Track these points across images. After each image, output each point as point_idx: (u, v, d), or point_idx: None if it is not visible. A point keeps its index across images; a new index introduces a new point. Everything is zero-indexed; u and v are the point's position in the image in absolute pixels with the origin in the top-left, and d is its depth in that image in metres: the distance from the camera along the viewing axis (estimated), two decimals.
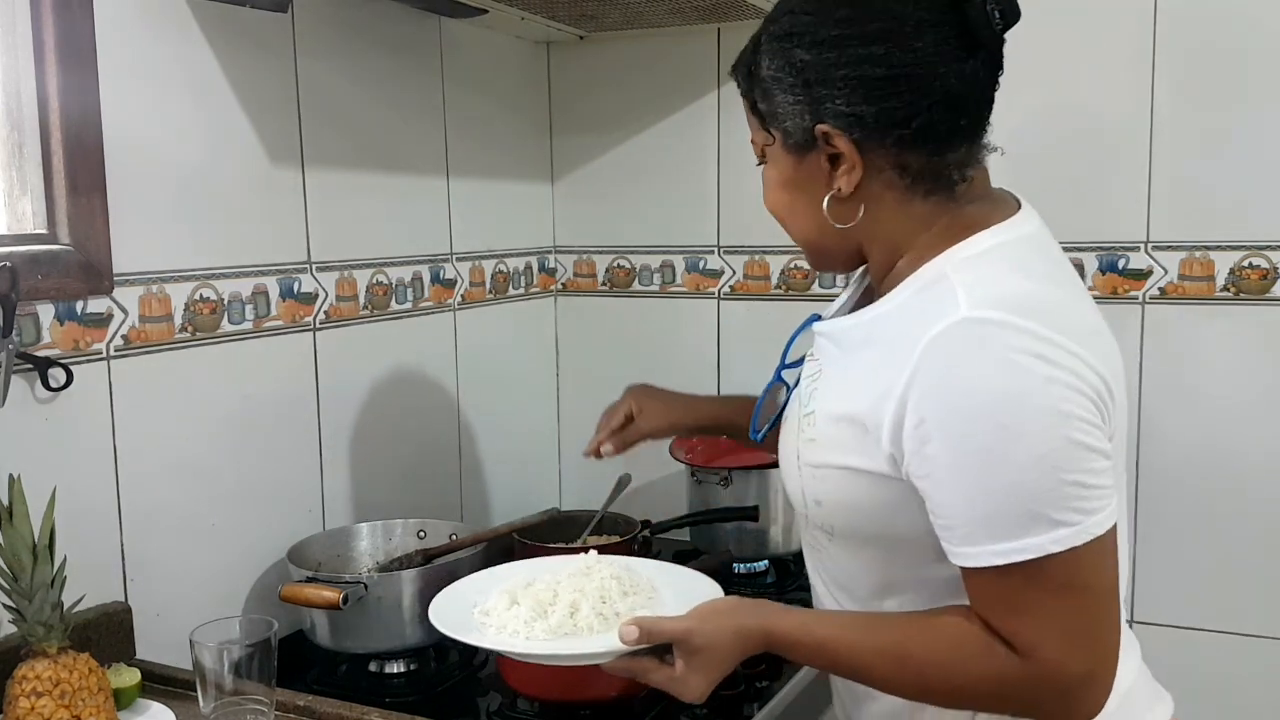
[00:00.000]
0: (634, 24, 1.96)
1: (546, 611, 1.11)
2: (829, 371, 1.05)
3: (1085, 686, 0.92)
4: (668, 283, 2.14)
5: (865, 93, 0.95)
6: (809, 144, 1.00)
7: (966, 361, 0.90)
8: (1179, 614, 1.81)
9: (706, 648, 0.99)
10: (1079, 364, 0.90)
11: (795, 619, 1.01)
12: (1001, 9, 0.96)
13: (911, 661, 0.96)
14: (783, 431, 1.12)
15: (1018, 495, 0.89)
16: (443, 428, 1.94)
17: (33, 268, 1.22)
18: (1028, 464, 0.88)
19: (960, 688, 0.96)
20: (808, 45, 0.98)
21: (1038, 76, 1.77)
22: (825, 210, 1.01)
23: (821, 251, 1.08)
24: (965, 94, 0.97)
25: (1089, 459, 0.90)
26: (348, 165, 1.69)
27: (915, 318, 0.94)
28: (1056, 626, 0.90)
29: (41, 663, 1.06)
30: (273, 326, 1.56)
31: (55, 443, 1.26)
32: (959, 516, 0.92)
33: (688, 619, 1.00)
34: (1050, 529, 0.88)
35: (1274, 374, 1.73)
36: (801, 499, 1.07)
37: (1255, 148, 1.70)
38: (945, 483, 0.91)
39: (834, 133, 0.97)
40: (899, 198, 1.00)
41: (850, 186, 0.99)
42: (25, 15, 1.23)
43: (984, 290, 0.92)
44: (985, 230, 0.98)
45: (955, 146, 0.99)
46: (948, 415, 0.90)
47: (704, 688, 1.00)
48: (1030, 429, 0.88)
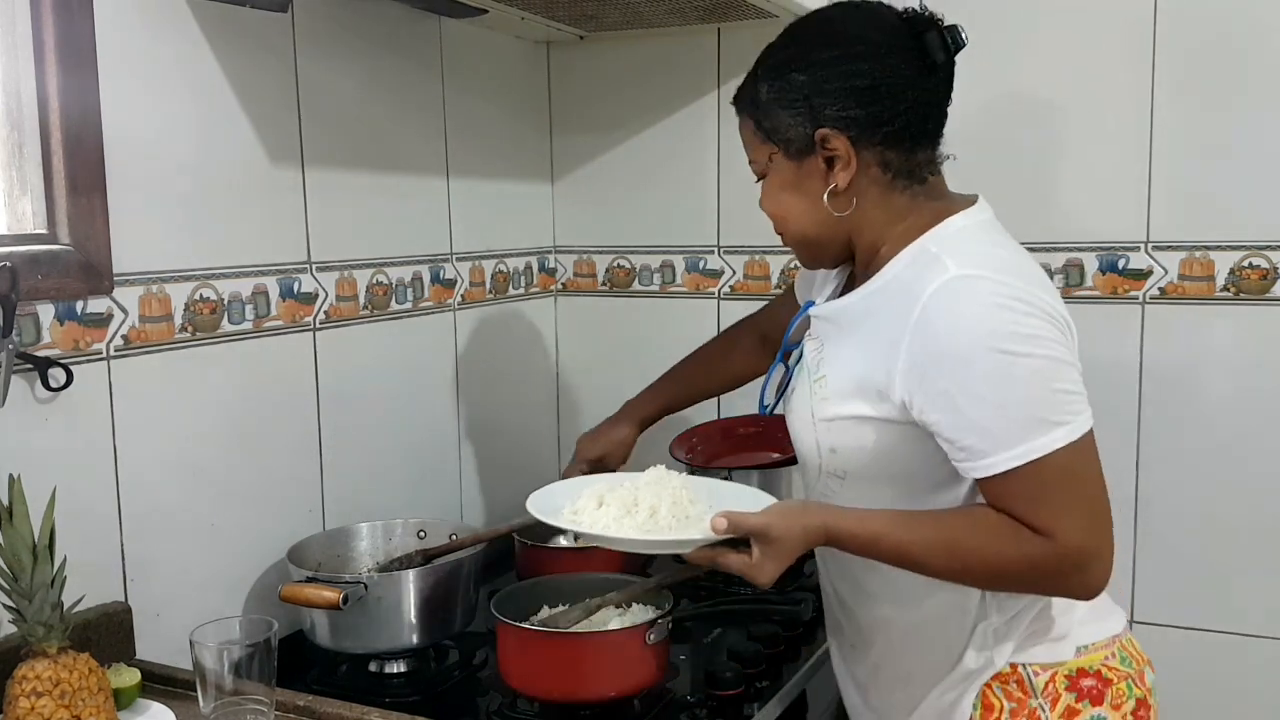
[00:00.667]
0: (634, 24, 1.96)
1: (631, 512, 1.26)
2: (831, 345, 1.25)
3: (1097, 560, 1.11)
4: (668, 283, 2.14)
5: (856, 99, 1.17)
6: (808, 149, 1.20)
7: (962, 308, 1.10)
8: (1179, 614, 1.81)
9: (779, 539, 1.14)
10: (1046, 304, 1.12)
11: (854, 517, 1.16)
12: (952, 37, 1.19)
13: (956, 549, 1.12)
14: (794, 398, 1.30)
15: (1021, 407, 1.08)
16: (443, 428, 1.94)
17: (33, 268, 1.22)
18: (1025, 378, 1.08)
19: (996, 569, 1.13)
20: (802, 68, 1.19)
21: (1038, 77, 1.78)
22: (826, 201, 1.20)
23: (817, 244, 1.26)
24: (929, 103, 1.20)
25: (1068, 371, 1.11)
26: (348, 165, 1.69)
27: (908, 285, 1.14)
28: (1069, 510, 1.09)
29: (41, 663, 1.06)
30: (273, 326, 1.56)
31: (55, 443, 1.26)
32: (974, 435, 1.09)
33: (766, 515, 1.15)
34: (1050, 429, 1.08)
35: (1274, 374, 1.73)
36: (816, 450, 1.25)
37: (1255, 148, 1.70)
38: (960, 409, 1.09)
39: (832, 134, 1.17)
40: (881, 192, 1.20)
41: (846, 181, 1.19)
42: (25, 15, 1.23)
43: (966, 256, 1.13)
44: (953, 216, 1.20)
45: (924, 147, 1.21)
46: (953, 352, 1.09)
47: (774, 573, 1.15)
48: (1021, 351, 1.08)
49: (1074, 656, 1.22)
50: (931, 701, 1.25)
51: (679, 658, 1.48)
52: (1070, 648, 1.22)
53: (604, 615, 1.38)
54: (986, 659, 1.21)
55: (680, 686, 1.42)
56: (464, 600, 1.50)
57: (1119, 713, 1.22)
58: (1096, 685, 1.22)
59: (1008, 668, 1.22)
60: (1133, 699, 1.23)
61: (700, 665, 1.44)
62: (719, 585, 1.78)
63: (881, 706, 1.32)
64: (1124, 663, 1.25)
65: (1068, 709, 1.21)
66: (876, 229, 1.21)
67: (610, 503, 1.28)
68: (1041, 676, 1.22)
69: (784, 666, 1.50)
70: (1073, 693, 1.21)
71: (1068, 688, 1.21)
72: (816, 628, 1.62)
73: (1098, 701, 1.22)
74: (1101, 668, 1.23)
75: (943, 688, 1.24)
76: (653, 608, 1.40)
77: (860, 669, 1.34)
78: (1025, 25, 1.78)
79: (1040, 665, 1.22)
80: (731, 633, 1.58)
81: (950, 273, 1.11)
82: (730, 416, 2.00)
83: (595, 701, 1.34)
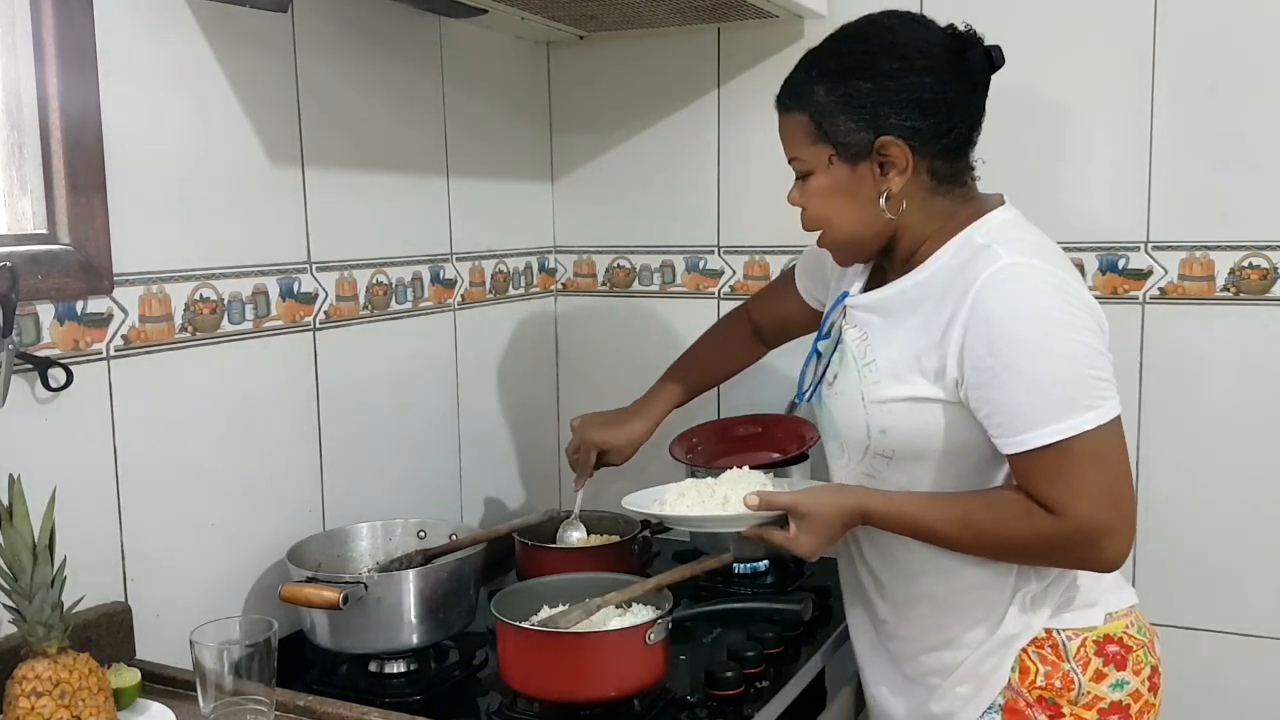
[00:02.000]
0: (634, 24, 1.96)
1: (705, 501, 1.39)
2: (877, 332, 1.32)
3: (1110, 536, 1.18)
4: (668, 283, 2.14)
5: (920, 111, 1.24)
6: (865, 154, 1.26)
7: (1017, 290, 1.19)
8: (1179, 614, 1.81)
9: (811, 514, 1.27)
10: (1084, 296, 1.23)
11: (883, 498, 1.29)
12: (991, 57, 1.27)
13: (969, 524, 1.24)
14: (840, 383, 1.36)
15: (1059, 386, 1.17)
16: (443, 428, 1.94)
17: (33, 268, 1.22)
18: (1064, 358, 1.17)
19: (1006, 543, 1.24)
20: (868, 76, 1.25)
21: (1039, 77, 1.77)
22: (883, 205, 1.27)
23: (860, 244, 1.33)
24: (975, 115, 1.29)
25: (1100, 359, 1.19)
26: (348, 165, 1.69)
27: (959, 273, 1.23)
28: (1085, 488, 1.17)
29: (41, 663, 1.05)
30: (273, 326, 1.56)
31: (55, 443, 1.26)
32: (1013, 410, 1.18)
33: (796, 494, 1.31)
34: (1082, 412, 1.16)
35: (1274, 374, 1.73)
36: (865, 432, 1.32)
37: (1256, 147, 1.70)
38: (1004, 386, 1.18)
39: (894, 142, 1.24)
40: (927, 196, 1.28)
41: (900, 186, 1.26)
42: (25, 15, 1.23)
43: (1016, 245, 1.23)
44: (992, 212, 1.29)
45: (967, 154, 1.30)
46: (1003, 331, 1.17)
47: (813, 546, 1.28)
48: (1061, 334, 1.18)
49: (1103, 623, 1.30)
50: (970, 666, 1.31)
51: (679, 658, 1.48)
52: (1100, 614, 1.30)
53: (604, 615, 1.38)
54: (1025, 624, 1.29)
55: (680, 686, 1.42)
56: (464, 600, 1.50)
57: (1139, 678, 1.30)
58: (1120, 651, 1.30)
59: (1043, 633, 1.29)
60: (1148, 665, 1.32)
61: (700, 665, 1.44)
62: (719, 585, 1.79)
63: (923, 673, 1.36)
64: (1140, 632, 1.33)
65: (1096, 672, 1.28)
66: (920, 229, 1.29)
67: (688, 494, 1.42)
68: (1074, 641, 1.29)
69: (784, 667, 1.50)
70: (1100, 657, 1.29)
71: (1096, 652, 1.29)
72: (816, 628, 1.62)
73: (1121, 666, 1.29)
74: (1124, 635, 1.31)
75: (982, 652, 1.30)
76: (653, 608, 1.40)
77: (895, 643, 1.40)
78: (1025, 25, 1.78)
79: (1073, 630, 1.29)
80: (731, 633, 1.58)
81: (1003, 260, 1.20)
82: (730, 416, 2.01)
83: (595, 701, 1.34)
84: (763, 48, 1.98)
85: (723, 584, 1.79)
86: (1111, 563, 1.21)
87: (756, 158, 1.98)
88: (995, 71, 1.28)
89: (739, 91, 2.03)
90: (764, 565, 1.85)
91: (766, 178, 1.72)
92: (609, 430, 1.68)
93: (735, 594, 1.76)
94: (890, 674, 1.42)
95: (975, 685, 1.31)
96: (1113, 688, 1.28)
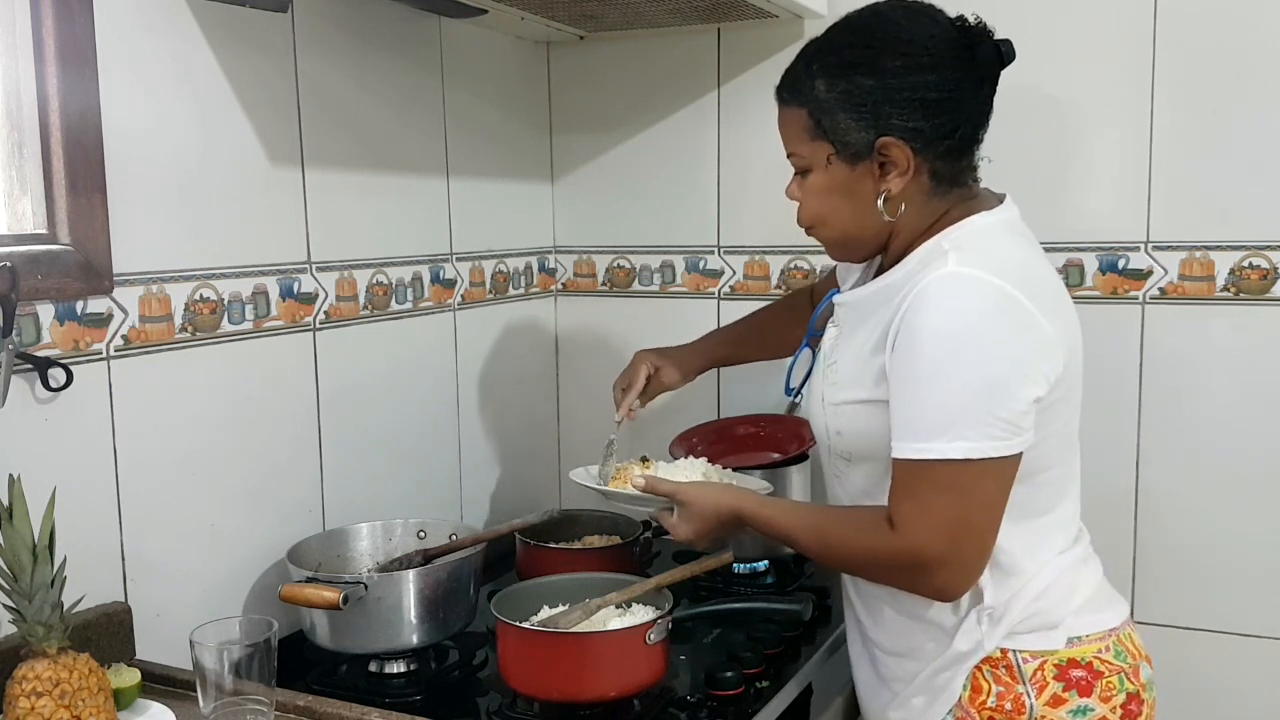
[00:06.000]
0: (634, 24, 1.96)
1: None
2: (847, 331, 1.31)
3: (939, 568, 1.17)
4: (668, 283, 2.14)
5: (923, 111, 1.19)
6: (864, 153, 1.22)
7: (938, 301, 1.14)
8: (1179, 614, 1.81)
9: (689, 504, 1.34)
10: (1033, 320, 1.14)
11: (757, 502, 1.34)
12: (1002, 51, 1.22)
13: (822, 534, 1.27)
14: (810, 383, 1.38)
15: (940, 409, 1.13)
16: (443, 428, 1.94)
17: (33, 268, 1.22)
18: (957, 383, 1.13)
19: (848, 554, 1.26)
20: (870, 73, 1.20)
21: (1038, 77, 1.77)
22: (881, 207, 1.23)
23: (857, 243, 1.30)
24: (982, 114, 1.24)
25: (1012, 400, 1.13)
26: (348, 165, 1.69)
27: (912, 276, 1.19)
28: (928, 514, 1.15)
29: (41, 663, 1.05)
30: (273, 326, 1.56)
31: (55, 443, 1.26)
32: (899, 417, 1.17)
33: (680, 484, 1.37)
34: (952, 440, 1.12)
35: (1274, 374, 1.73)
36: (825, 432, 1.33)
37: (1255, 148, 1.70)
38: (900, 392, 1.17)
39: (895, 143, 1.20)
40: (926, 197, 1.24)
41: (899, 187, 1.22)
42: (25, 15, 1.23)
43: (972, 255, 1.17)
44: (976, 215, 1.24)
45: (971, 154, 1.26)
46: (916, 340, 1.15)
47: (689, 534, 1.35)
48: (968, 357, 1.13)
49: (1065, 647, 1.25)
50: (925, 679, 1.29)
51: (679, 658, 1.48)
52: (1061, 638, 1.25)
53: (604, 615, 1.38)
54: (976, 642, 1.25)
55: (680, 686, 1.42)
56: (464, 600, 1.50)
57: (1107, 705, 1.24)
58: (1086, 676, 1.24)
59: (998, 653, 1.25)
60: (1124, 693, 1.25)
61: (700, 665, 1.44)
62: (719, 585, 1.78)
63: (889, 677, 1.36)
64: (1118, 657, 1.27)
65: (1054, 697, 1.24)
66: (913, 229, 1.26)
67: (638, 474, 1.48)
68: (1030, 664, 1.24)
69: (784, 667, 1.50)
70: (1060, 682, 1.24)
71: (1056, 676, 1.24)
72: (816, 628, 1.62)
73: (1086, 692, 1.24)
74: (1094, 660, 1.25)
75: (935, 666, 1.28)
76: (653, 608, 1.40)
77: (870, 643, 1.39)
78: (1025, 25, 1.77)
79: (1030, 653, 1.24)
80: (731, 633, 1.58)
81: (948, 268, 1.16)
82: (730, 416, 2.01)
83: (595, 701, 1.34)
84: (763, 48, 1.98)
85: (723, 584, 1.79)
86: (942, 594, 1.21)
87: (756, 158, 1.98)
88: (1005, 66, 1.23)
89: (739, 91, 2.03)
90: (764, 565, 1.85)
91: (767, 178, 1.72)
92: (665, 354, 1.71)
93: (735, 594, 1.75)
94: (868, 671, 1.41)
95: (929, 698, 1.28)
96: (1073, 714, 1.23)
